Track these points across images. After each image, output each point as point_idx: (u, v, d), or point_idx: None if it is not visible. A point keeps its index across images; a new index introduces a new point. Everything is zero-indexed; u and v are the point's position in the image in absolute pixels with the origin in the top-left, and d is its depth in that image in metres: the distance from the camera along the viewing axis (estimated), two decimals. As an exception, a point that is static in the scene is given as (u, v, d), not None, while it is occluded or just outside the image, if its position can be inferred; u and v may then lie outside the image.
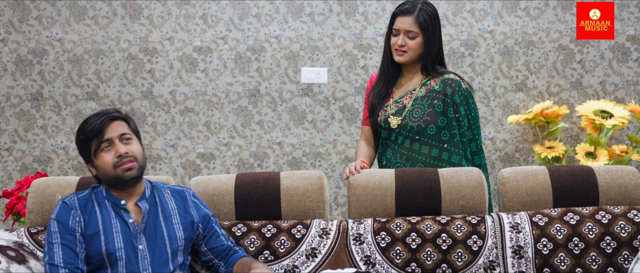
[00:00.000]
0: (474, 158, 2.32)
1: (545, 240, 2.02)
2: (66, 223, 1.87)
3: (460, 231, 2.05)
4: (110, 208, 1.92)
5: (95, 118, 1.93)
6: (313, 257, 2.05)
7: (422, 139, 2.30)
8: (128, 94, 3.45)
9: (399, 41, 2.30)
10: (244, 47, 3.44)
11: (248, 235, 2.08)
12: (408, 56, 2.32)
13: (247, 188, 2.13)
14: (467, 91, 2.32)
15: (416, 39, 2.30)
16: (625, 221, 2.02)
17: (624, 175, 2.11)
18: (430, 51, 2.31)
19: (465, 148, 2.31)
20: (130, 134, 1.94)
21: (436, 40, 2.32)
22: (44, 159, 3.46)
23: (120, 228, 1.89)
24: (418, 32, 2.29)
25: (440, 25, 2.34)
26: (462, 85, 2.31)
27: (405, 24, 2.29)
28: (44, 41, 3.43)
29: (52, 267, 1.82)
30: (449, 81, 2.30)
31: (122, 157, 1.89)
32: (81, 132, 1.93)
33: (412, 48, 2.30)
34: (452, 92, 2.28)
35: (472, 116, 2.31)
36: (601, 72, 3.41)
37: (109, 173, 1.90)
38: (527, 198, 2.12)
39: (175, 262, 1.93)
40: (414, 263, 2.03)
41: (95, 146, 1.90)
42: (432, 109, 2.30)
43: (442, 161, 2.29)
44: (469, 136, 2.31)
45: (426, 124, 2.29)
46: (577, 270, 1.99)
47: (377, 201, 2.13)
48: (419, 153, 2.31)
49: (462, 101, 2.29)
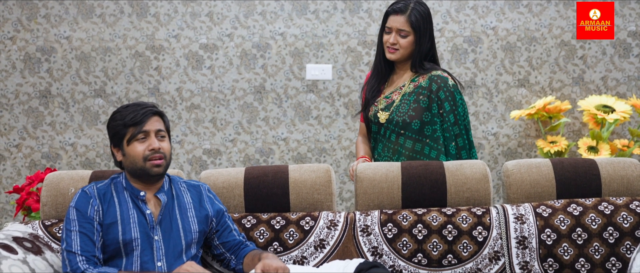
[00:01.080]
0: (461, 153, 2.34)
1: (549, 230, 2.06)
2: (85, 211, 1.91)
3: (466, 222, 2.10)
4: (129, 198, 1.96)
5: (136, 107, 1.96)
6: (321, 248, 2.09)
7: (406, 133, 2.37)
8: (135, 91, 3.49)
9: (390, 39, 2.37)
10: (250, 44, 3.48)
11: (258, 227, 2.12)
12: (399, 54, 2.38)
13: (256, 181, 2.18)
14: (454, 87, 2.35)
15: (408, 37, 2.35)
16: (627, 212, 2.06)
17: (626, 167, 2.15)
18: (420, 49, 2.37)
19: (448, 143, 2.33)
20: (165, 132, 1.99)
21: (427, 38, 2.37)
22: (52, 156, 3.50)
23: (138, 218, 1.93)
24: (410, 31, 2.34)
25: (432, 24, 2.40)
26: (448, 81, 2.35)
27: (397, 23, 2.35)
28: (52, 39, 3.47)
29: (70, 254, 1.86)
30: (435, 78, 2.35)
31: (154, 152, 1.93)
32: (119, 118, 1.96)
33: (404, 46, 2.36)
34: (437, 89, 2.33)
35: (458, 112, 2.34)
36: (603, 68, 3.45)
37: (137, 163, 1.94)
38: (531, 190, 2.16)
39: (188, 254, 1.98)
40: (420, 254, 2.07)
41: (131, 134, 1.94)
42: (417, 105, 2.35)
43: (424, 155, 2.35)
44: (455, 132, 2.33)
45: (411, 119, 2.35)
46: (580, 260, 2.03)
47: (384, 193, 2.17)
48: (403, 147, 2.38)
49: (448, 97, 2.33)
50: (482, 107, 3.49)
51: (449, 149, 2.33)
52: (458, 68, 3.48)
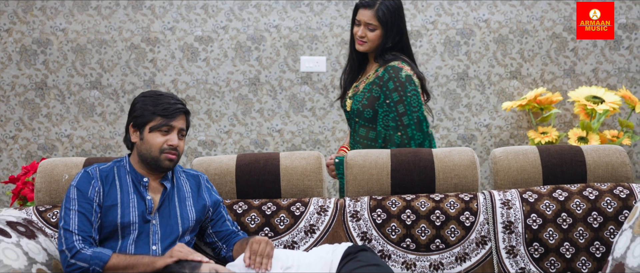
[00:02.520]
0: (411, 142, 2.35)
1: (535, 215, 2.09)
2: (85, 191, 1.94)
3: (453, 208, 2.13)
4: (131, 183, 1.99)
5: (170, 99, 1.98)
6: (311, 233, 2.13)
7: (360, 121, 2.43)
8: (131, 83, 3.52)
9: (359, 32, 2.42)
10: (244, 36, 3.52)
11: (249, 213, 2.16)
12: (368, 46, 2.43)
13: (247, 168, 2.21)
14: (407, 78, 2.36)
15: (375, 31, 2.40)
16: (611, 197, 2.10)
17: (611, 154, 2.18)
18: (386, 43, 2.41)
19: (394, 133, 2.35)
20: (185, 131, 2.03)
21: (396, 32, 2.41)
22: (48, 147, 3.53)
23: (137, 203, 1.97)
24: (377, 25, 2.39)
25: (402, 18, 2.43)
26: (401, 72, 2.37)
27: (365, 17, 2.40)
28: (48, 31, 3.50)
29: (67, 232, 1.89)
30: (390, 68, 2.39)
31: (172, 147, 1.97)
32: (151, 103, 1.97)
33: (371, 39, 2.41)
34: (388, 79, 2.37)
35: (407, 102, 2.34)
36: (594, 60, 3.49)
37: (152, 151, 1.97)
38: (518, 176, 2.20)
39: (182, 240, 2.02)
40: (408, 238, 2.11)
41: (157, 123, 1.96)
42: (370, 94, 2.40)
43: (377, 143, 2.39)
44: (405, 122, 2.34)
45: (364, 108, 2.40)
46: (565, 244, 2.06)
47: (374, 180, 2.20)
48: (358, 134, 2.45)
49: (397, 87, 2.35)
50: (474, 99, 3.53)
51: (394, 139, 2.35)
52: (451, 60, 3.51)
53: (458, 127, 3.54)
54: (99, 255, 1.87)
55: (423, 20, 3.50)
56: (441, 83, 3.53)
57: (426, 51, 3.51)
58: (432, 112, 3.07)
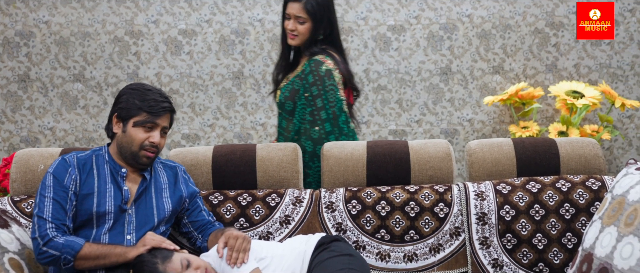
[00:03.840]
0: (329, 137, 2.36)
1: (508, 207, 2.11)
2: (62, 179, 1.93)
3: (428, 199, 2.14)
4: (109, 173, 1.99)
5: (159, 96, 1.98)
6: (286, 224, 2.13)
7: (283, 114, 2.46)
8: (114, 76, 3.52)
9: (289, 25, 2.44)
10: (228, 30, 3.52)
11: (224, 203, 2.16)
12: (299, 39, 2.44)
13: (224, 159, 2.21)
14: (327, 72, 2.37)
15: (305, 24, 2.41)
16: (583, 189, 2.12)
17: (584, 146, 2.20)
18: (317, 35, 2.42)
19: (312, 127, 2.36)
20: (168, 129, 2.03)
21: (326, 25, 2.43)
22: (31, 140, 3.53)
23: (114, 193, 1.97)
24: (306, 18, 2.40)
25: (332, 10, 2.45)
26: (322, 66, 2.38)
27: (295, 10, 2.41)
28: (30, 24, 3.49)
29: (40, 220, 1.88)
30: (312, 62, 2.41)
31: (152, 145, 1.97)
32: (138, 98, 1.96)
33: (302, 32, 2.42)
34: (308, 72, 2.39)
35: (325, 97, 2.35)
36: (575, 56, 3.51)
37: (132, 146, 1.97)
38: (493, 168, 2.21)
39: (157, 231, 2.02)
40: (383, 229, 2.12)
41: (142, 118, 1.96)
42: (292, 87, 2.43)
43: (299, 135, 2.40)
44: (323, 117, 2.36)
45: (285, 100, 2.43)
46: (538, 235, 2.08)
47: (349, 171, 2.21)
48: (281, 126, 2.47)
49: (316, 81, 2.36)
50: (457, 93, 3.54)
51: (312, 133, 2.36)
52: (434, 55, 3.53)
53: (441, 121, 3.55)
54: (71, 244, 1.87)
55: (406, 15, 3.51)
56: (424, 78, 3.54)
57: (409, 46, 3.52)
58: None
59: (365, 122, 3.55)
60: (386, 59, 3.53)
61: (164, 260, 1.84)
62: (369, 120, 3.55)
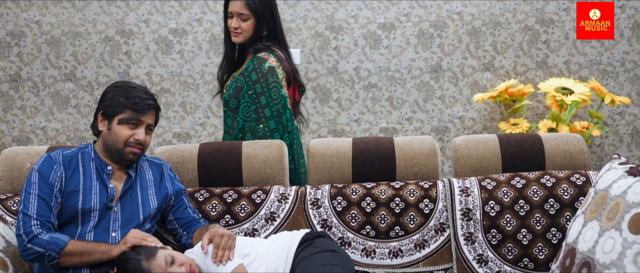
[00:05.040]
0: (274, 135, 2.37)
1: (493, 202, 2.11)
2: (47, 176, 1.94)
3: (413, 195, 2.15)
4: (94, 170, 1.99)
5: (144, 94, 1.98)
6: (272, 221, 2.14)
7: (227, 111, 2.47)
8: (105, 76, 3.52)
9: (233, 23, 2.44)
10: (219, 29, 3.52)
11: (210, 200, 2.17)
12: (243, 37, 2.45)
13: (209, 157, 2.22)
14: (270, 69, 2.38)
15: (248, 20, 2.42)
16: (568, 184, 2.12)
17: (569, 142, 2.21)
18: (260, 31, 2.43)
19: (257, 125, 2.37)
20: (153, 126, 2.03)
21: (269, 20, 2.44)
22: (23, 139, 3.53)
23: (99, 190, 1.97)
24: (249, 14, 2.42)
25: (274, 5, 2.46)
26: (264, 64, 2.39)
27: (237, 7, 2.43)
28: (21, 23, 3.50)
29: (25, 217, 1.89)
30: (255, 59, 2.42)
31: (137, 142, 1.97)
32: (123, 95, 1.96)
33: (246, 29, 2.43)
34: (251, 69, 2.40)
35: (268, 94, 2.37)
36: (566, 52, 3.51)
37: (117, 143, 1.97)
38: (478, 164, 2.21)
39: (143, 228, 2.02)
40: (368, 226, 2.12)
41: (126, 115, 1.96)
42: (236, 85, 2.44)
43: (243, 133, 2.40)
44: (267, 114, 2.37)
45: (229, 98, 2.44)
46: (523, 231, 2.08)
47: (335, 168, 2.22)
48: (226, 124, 2.48)
49: (259, 78, 2.37)
50: (448, 91, 3.55)
51: (257, 131, 2.37)
52: (424, 52, 3.53)
53: (431, 119, 3.56)
54: (56, 241, 1.87)
55: (396, 12, 3.51)
56: (415, 75, 3.54)
57: (400, 43, 3.53)
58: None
59: (356, 120, 3.55)
60: (376, 57, 3.53)
61: (148, 257, 1.85)
62: (359, 118, 3.55)
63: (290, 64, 2.46)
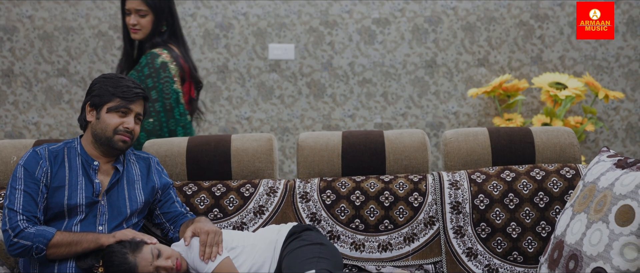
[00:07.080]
0: (164, 129, 2.38)
1: (482, 196, 2.10)
2: (33, 171, 1.92)
3: (402, 188, 2.14)
4: (80, 165, 1.98)
5: (130, 83, 1.98)
6: (260, 214, 2.13)
7: None
8: (98, 71, 3.51)
9: (131, 20, 2.46)
10: (213, 24, 3.51)
11: (198, 194, 2.16)
12: (142, 33, 2.48)
13: (198, 150, 2.21)
14: (162, 64, 2.39)
15: (147, 17, 2.45)
16: (557, 177, 2.11)
17: (560, 135, 2.19)
18: (160, 26, 2.45)
19: (146, 118, 2.36)
20: (142, 116, 2.03)
21: (168, 15, 2.46)
22: (15, 135, 3.52)
23: (85, 186, 1.96)
24: (147, 10, 2.44)
25: (172, 3, 2.48)
26: (157, 59, 2.40)
27: (134, 4, 2.45)
28: (14, 18, 3.49)
29: (11, 212, 1.88)
30: (149, 55, 2.43)
31: (127, 130, 1.97)
32: (111, 85, 1.97)
33: (145, 26, 2.46)
34: (144, 64, 2.41)
35: (160, 89, 2.37)
36: (560, 48, 3.50)
37: (106, 132, 1.96)
38: (468, 157, 2.20)
39: (129, 222, 2.01)
40: (357, 219, 2.11)
41: (115, 103, 1.96)
42: None
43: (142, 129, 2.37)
44: (158, 108, 2.37)
45: None
46: (512, 224, 2.07)
47: (324, 161, 2.21)
48: None
49: (151, 73, 2.38)
50: (442, 86, 3.53)
51: (146, 125, 2.37)
52: (419, 48, 3.52)
53: (426, 114, 3.55)
54: (42, 233, 1.87)
55: (391, 8, 3.50)
56: (409, 71, 3.53)
57: (394, 39, 3.51)
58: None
59: (350, 115, 3.54)
60: (371, 52, 3.52)
61: (133, 250, 1.84)
62: (354, 113, 3.54)
63: (187, 61, 2.49)
